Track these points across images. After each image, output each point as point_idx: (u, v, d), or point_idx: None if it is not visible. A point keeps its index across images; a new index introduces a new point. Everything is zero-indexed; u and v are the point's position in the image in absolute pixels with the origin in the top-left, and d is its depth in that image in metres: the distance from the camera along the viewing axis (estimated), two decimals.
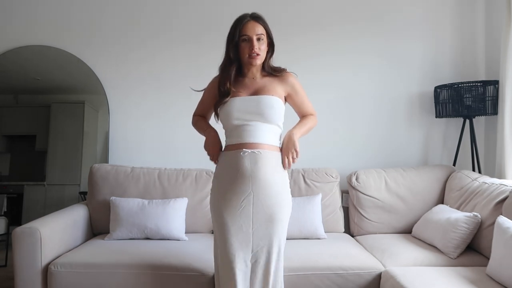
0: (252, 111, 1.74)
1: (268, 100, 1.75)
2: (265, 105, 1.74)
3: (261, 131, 1.74)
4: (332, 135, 3.09)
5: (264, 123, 1.75)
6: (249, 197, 1.69)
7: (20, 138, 3.36)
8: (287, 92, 1.86)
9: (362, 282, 2.09)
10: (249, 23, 1.75)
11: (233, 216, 1.69)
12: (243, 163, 1.70)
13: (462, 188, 2.50)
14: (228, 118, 1.76)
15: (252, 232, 1.69)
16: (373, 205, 2.70)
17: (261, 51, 1.76)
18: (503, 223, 1.86)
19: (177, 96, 3.06)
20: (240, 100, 1.76)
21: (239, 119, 1.74)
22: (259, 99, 1.76)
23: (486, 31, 3.05)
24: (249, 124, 1.74)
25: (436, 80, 3.04)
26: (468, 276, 1.87)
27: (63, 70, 3.19)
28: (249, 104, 1.75)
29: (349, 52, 3.10)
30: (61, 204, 3.03)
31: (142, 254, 2.18)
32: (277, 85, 1.83)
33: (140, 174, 2.74)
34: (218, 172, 1.81)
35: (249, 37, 1.74)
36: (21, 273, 2.09)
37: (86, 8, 3.13)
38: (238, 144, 1.74)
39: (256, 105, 1.74)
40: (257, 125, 1.74)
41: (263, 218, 1.69)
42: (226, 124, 1.80)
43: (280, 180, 1.76)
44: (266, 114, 1.74)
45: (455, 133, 3.04)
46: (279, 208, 1.72)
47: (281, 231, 1.73)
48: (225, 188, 1.73)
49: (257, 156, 1.71)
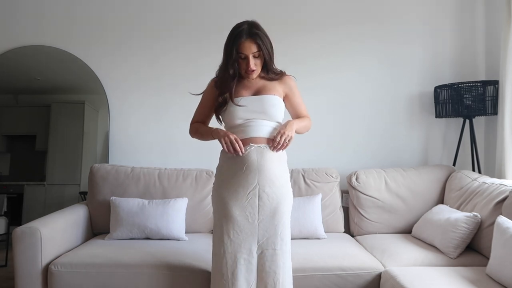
0: (256, 110, 1.81)
1: (271, 99, 1.84)
2: (268, 103, 1.82)
3: (264, 127, 1.81)
4: (332, 135, 3.09)
5: (267, 120, 1.82)
6: (255, 189, 1.75)
7: (20, 138, 3.36)
8: (285, 93, 1.93)
9: (362, 282, 2.09)
10: (245, 42, 1.77)
11: (239, 207, 1.74)
12: (250, 156, 1.76)
13: (462, 188, 2.50)
14: (232, 118, 1.82)
15: (258, 224, 1.75)
16: (373, 205, 2.70)
17: (257, 66, 1.82)
18: (503, 223, 1.86)
19: (177, 96, 3.06)
20: (244, 100, 1.82)
21: (242, 118, 1.81)
22: (263, 98, 1.84)
23: (486, 31, 3.06)
24: (253, 121, 1.81)
25: (436, 80, 3.04)
26: (468, 276, 1.87)
27: (63, 70, 3.19)
28: (253, 103, 1.82)
29: (349, 53, 3.10)
30: (61, 204, 3.03)
31: (142, 254, 2.18)
32: (277, 85, 1.90)
33: (140, 174, 2.74)
34: (223, 166, 1.85)
35: (245, 55, 1.79)
36: (21, 273, 2.08)
37: (86, 8, 3.13)
38: (243, 139, 1.78)
39: (260, 104, 1.82)
40: (261, 122, 1.82)
41: (268, 210, 1.75)
42: (230, 123, 1.86)
43: (284, 173, 1.84)
44: (269, 112, 1.82)
45: (455, 133, 3.05)
46: (283, 201, 1.78)
47: (285, 223, 1.79)
48: (231, 181, 1.78)
49: (263, 150, 1.78)
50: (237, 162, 1.78)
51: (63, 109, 3.29)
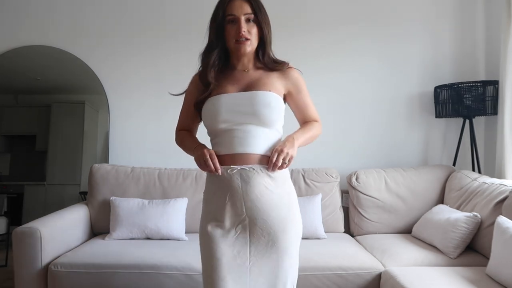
0: (244, 111, 1.38)
1: (264, 97, 1.40)
2: (260, 102, 1.39)
3: (255, 138, 1.39)
4: (332, 135, 3.09)
5: (259, 126, 1.39)
6: (245, 221, 1.37)
7: (20, 138, 3.36)
8: (288, 90, 1.51)
9: (362, 282, 2.10)
10: (236, 1, 1.41)
11: (225, 245, 1.36)
12: (231, 182, 1.37)
13: (462, 188, 2.50)
14: (213, 120, 1.42)
15: (250, 267, 1.36)
16: (373, 205, 2.70)
17: (251, 35, 1.41)
18: (502, 223, 1.86)
19: (177, 96, 3.05)
20: (228, 98, 1.41)
21: (227, 121, 1.39)
22: (253, 95, 1.40)
23: (486, 31, 3.05)
24: (239, 129, 1.38)
25: (436, 80, 3.04)
26: (468, 276, 1.87)
27: (63, 70, 3.19)
28: (240, 102, 1.40)
29: (349, 53, 3.10)
30: (61, 204, 3.03)
31: (142, 254, 2.18)
32: (275, 80, 1.48)
33: (140, 174, 2.74)
34: (207, 193, 1.49)
35: (235, 17, 1.40)
36: (21, 273, 2.09)
37: (86, 9, 3.13)
38: (226, 155, 1.40)
39: (249, 103, 1.39)
40: (250, 129, 1.39)
41: (263, 248, 1.36)
42: (211, 129, 1.46)
43: (285, 199, 1.42)
44: (261, 115, 1.38)
45: (455, 133, 3.04)
46: (282, 234, 1.37)
47: (289, 264, 1.38)
48: (214, 213, 1.40)
49: (249, 173, 1.36)
50: (220, 187, 1.40)
51: (63, 109, 3.30)
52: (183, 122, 1.63)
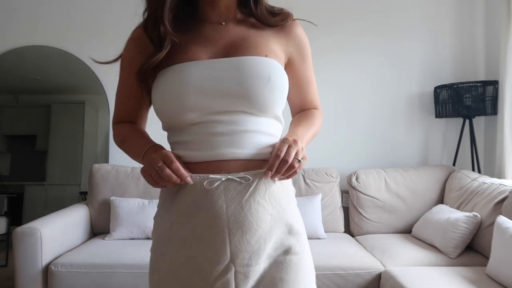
0: (227, 90, 0.86)
1: (259, 66, 0.87)
2: (254, 75, 0.86)
3: (247, 134, 0.87)
4: (332, 135, 3.09)
5: (252, 115, 0.88)
6: (229, 273, 0.83)
7: (20, 138, 3.36)
8: (289, 55, 1.00)
9: (362, 282, 2.10)
10: None
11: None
12: (210, 202, 0.84)
13: (462, 188, 2.50)
14: (174, 107, 0.89)
15: None
16: (373, 205, 2.70)
17: None
18: (502, 223, 1.86)
19: None
20: (199, 68, 0.87)
21: (199, 109, 0.86)
22: (240, 63, 0.87)
23: (486, 31, 3.05)
24: (220, 120, 0.86)
25: (436, 80, 3.04)
26: (468, 276, 1.87)
27: (63, 70, 3.19)
28: (220, 75, 0.86)
29: (349, 52, 3.10)
30: (61, 204, 3.02)
31: (142, 254, 2.18)
32: (271, 39, 0.96)
33: (140, 174, 2.73)
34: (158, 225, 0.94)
35: None
36: (21, 273, 2.09)
37: (86, 8, 3.13)
38: (197, 164, 0.88)
39: (236, 76, 0.86)
40: (238, 120, 0.87)
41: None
42: (171, 120, 0.94)
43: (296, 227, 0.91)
44: (256, 96, 0.85)
45: (455, 133, 3.04)
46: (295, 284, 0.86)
47: None
48: (175, 259, 0.88)
49: (241, 187, 0.85)
50: (185, 211, 0.87)
51: (63, 109, 3.30)
52: (120, 109, 1.05)
